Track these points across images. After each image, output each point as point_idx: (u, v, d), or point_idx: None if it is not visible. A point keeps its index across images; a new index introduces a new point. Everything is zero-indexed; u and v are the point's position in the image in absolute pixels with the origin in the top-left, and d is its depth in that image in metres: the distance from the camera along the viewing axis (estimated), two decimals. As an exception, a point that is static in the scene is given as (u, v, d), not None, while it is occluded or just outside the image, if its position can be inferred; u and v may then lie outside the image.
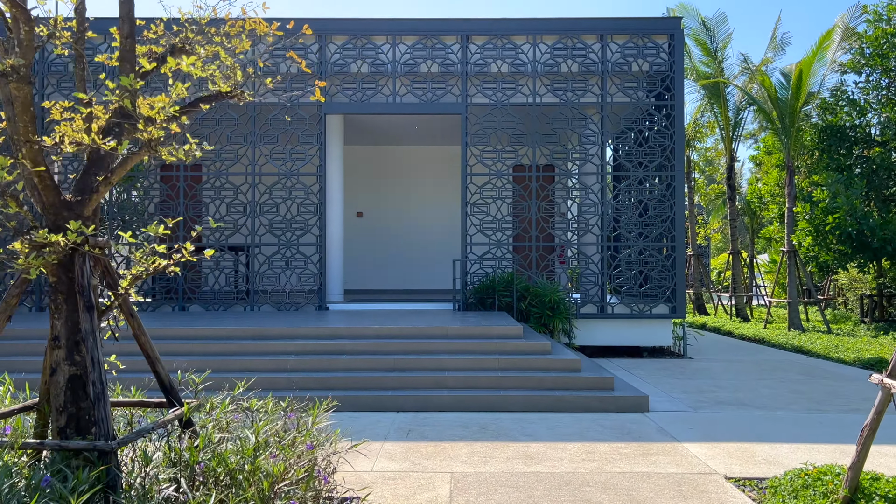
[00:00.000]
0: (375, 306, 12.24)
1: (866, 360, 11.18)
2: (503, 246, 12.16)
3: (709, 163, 31.34)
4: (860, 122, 15.76)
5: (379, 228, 16.56)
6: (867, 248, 14.51)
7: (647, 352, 12.70)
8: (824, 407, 7.93)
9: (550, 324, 11.48)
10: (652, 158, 12.24)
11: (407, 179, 16.63)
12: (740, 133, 18.78)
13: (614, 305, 12.13)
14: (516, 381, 7.90)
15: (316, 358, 8.25)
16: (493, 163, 12.17)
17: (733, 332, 16.13)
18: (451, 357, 8.28)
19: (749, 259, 24.16)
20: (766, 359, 12.04)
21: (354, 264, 16.46)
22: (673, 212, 12.13)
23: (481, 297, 11.72)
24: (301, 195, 12.13)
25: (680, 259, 12.06)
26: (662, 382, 9.54)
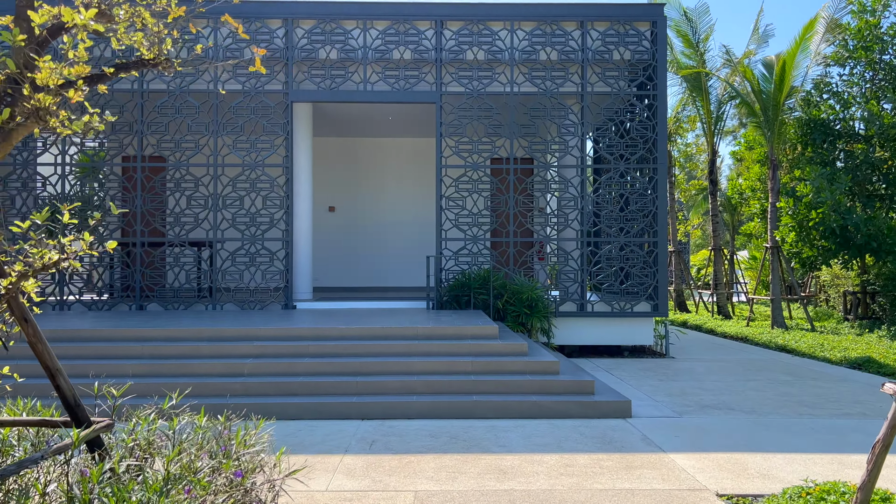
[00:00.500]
0: (345, 305, 11.66)
1: (853, 359, 10.82)
2: (480, 241, 11.63)
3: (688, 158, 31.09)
4: (844, 115, 15.44)
5: (352, 224, 15.96)
6: (851, 244, 14.20)
7: (629, 351, 12.26)
8: (815, 411, 7.50)
9: (528, 323, 10.99)
10: (633, 150, 11.77)
11: (381, 173, 16.04)
12: (722, 127, 18.44)
13: (594, 303, 11.67)
14: (491, 385, 7.38)
15: (275, 361, 7.66)
16: (468, 154, 11.63)
17: (715, 331, 15.77)
18: (421, 360, 7.74)
19: (730, 256, 23.90)
20: (750, 358, 11.65)
21: (326, 261, 15.85)
22: (655, 206, 11.68)
23: (456, 295, 11.19)
24: (266, 188, 11.50)
25: (662, 255, 11.62)
26: (645, 384, 9.08)
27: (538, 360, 7.76)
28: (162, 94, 11.49)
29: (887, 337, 12.98)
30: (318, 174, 15.91)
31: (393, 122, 14.56)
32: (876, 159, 14.71)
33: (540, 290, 11.16)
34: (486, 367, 7.70)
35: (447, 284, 11.45)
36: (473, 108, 11.56)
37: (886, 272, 14.52)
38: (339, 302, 11.79)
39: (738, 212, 27.53)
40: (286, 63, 11.46)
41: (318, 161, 15.92)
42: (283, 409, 6.96)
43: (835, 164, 15.28)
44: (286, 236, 11.47)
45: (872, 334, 13.42)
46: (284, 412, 6.96)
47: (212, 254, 11.44)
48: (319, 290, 15.07)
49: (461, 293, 11.16)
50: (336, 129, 15.16)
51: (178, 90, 11.39)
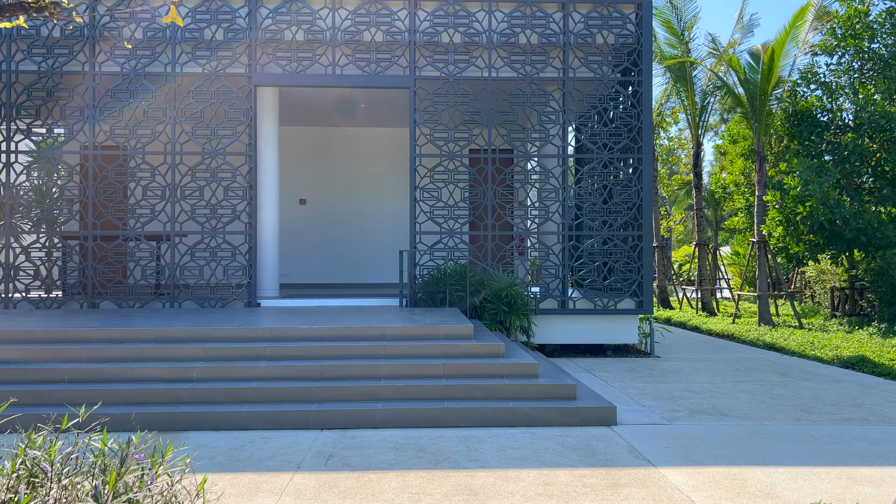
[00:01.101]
0: (313, 302, 10.98)
1: (846, 358, 10.34)
2: (456, 235, 11.00)
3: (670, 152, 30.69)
4: (831, 105, 15.00)
5: (324, 217, 15.25)
6: (840, 238, 13.76)
7: (612, 350, 11.70)
8: (813, 416, 6.96)
9: (507, 321, 10.38)
10: (617, 140, 11.20)
11: (355, 165, 15.34)
12: (707, 119, 17.95)
13: (576, 300, 11.09)
14: (464, 390, 6.75)
15: (228, 365, 6.97)
16: (444, 143, 10.99)
17: (700, 328, 15.28)
18: (388, 362, 7.09)
19: (713, 251, 23.50)
20: (738, 357, 11.14)
21: (296, 256, 15.14)
22: (640, 198, 11.12)
23: (431, 292, 10.55)
24: (228, 177, 10.78)
25: (647, 249, 11.07)
26: (630, 387, 8.51)
27: (516, 363, 7.15)
28: (115, 76, 10.71)
29: (878, 334, 12.55)
30: (289, 165, 15.20)
31: (367, 111, 13.88)
32: (864, 151, 14.28)
33: (519, 286, 10.56)
34: (459, 370, 7.07)
35: (421, 281, 10.81)
36: (449, 94, 10.92)
37: (875, 267, 14.11)
38: (307, 299, 11.10)
39: (721, 207, 27.19)
40: (249, 45, 10.74)
41: (287, 152, 15.20)
42: (234, 418, 6.28)
43: (822, 157, 14.83)
44: (249, 229, 10.76)
45: (863, 331, 12.98)
46: (235, 422, 6.28)
47: (170, 248, 10.69)
48: (288, 287, 14.37)
49: (436, 290, 10.53)
50: (307, 118, 14.44)
51: (132, 73, 10.62)
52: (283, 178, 15.14)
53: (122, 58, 10.66)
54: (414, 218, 10.87)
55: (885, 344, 11.41)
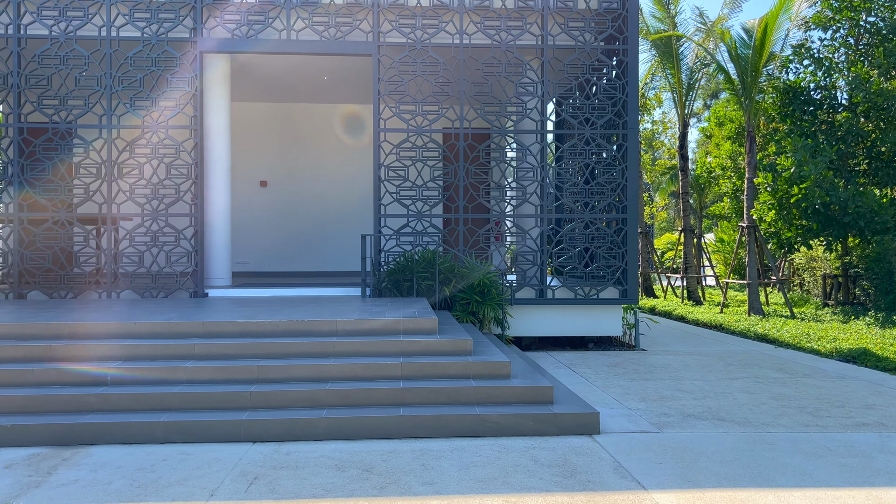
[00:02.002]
0: (268, 292, 9.98)
1: (846, 351, 9.55)
2: (425, 218, 10.03)
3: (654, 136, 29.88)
4: (826, 82, 14.18)
5: (287, 200, 14.19)
6: (835, 223, 12.98)
7: (594, 343, 10.83)
8: (822, 420, 6.12)
9: (479, 312, 9.46)
10: (601, 114, 10.27)
11: (320, 144, 14.27)
12: (694, 97, 17.09)
13: (555, 289, 10.19)
14: (424, 394, 5.81)
15: (150, 365, 5.97)
16: (411, 117, 9.99)
17: (686, 318, 14.48)
18: (337, 362, 6.13)
19: (698, 238, 22.75)
20: (730, 350, 10.32)
21: (257, 242, 14.09)
22: (625, 178, 10.22)
23: (397, 281, 9.59)
24: (171, 154, 9.71)
25: (632, 234, 10.18)
26: (614, 385, 7.63)
27: (485, 361, 6.22)
28: (43, 40, 9.59)
29: (876, 324, 11.80)
30: (249, 144, 14.10)
31: (331, 87, 12.82)
32: (860, 130, 13.49)
33: (494, 274, 9.63)
34: (419, 370, 6.12)
35: (387, 268, 9.85)
36: (417, 63, 9.91)
37: (871, 254, 13.37)
38: (262, 289, 10.09)
39: (706, 193, 26.45)
40: (193, 6, 9.65)
41: (247, 129, 14.11)
42: (150, 430, 5.30)
43: (816, 137, 14.03)
44: (195, 211, 9.71)
45: (859, 321, 12.23)
46: (150, 434, 5.30)
47: (106, 232, 9.62)
48: (247, 276, 13.34)
49: (402, 278, 9.57)
50: (267, 93, 13.35)
51: (62, 36, 9.49)
52: (242, 159, 14.06)
53: (51, 19, 9.54)
54: (378, 199, 9.88)
55: (886, 335, 10.64)
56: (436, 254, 9.50)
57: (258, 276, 13.33)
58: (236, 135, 14.03)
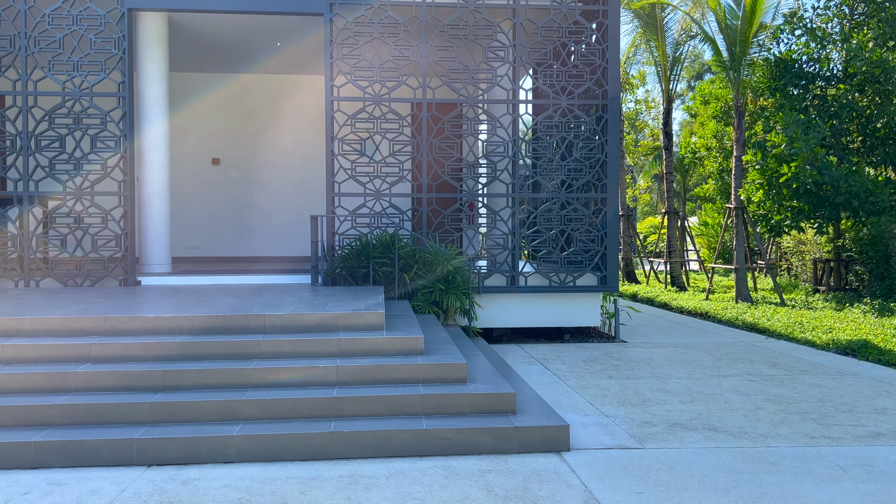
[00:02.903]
0: (210, 280, 8.97)
1: (844, 343, 8.74)
2: (384, 197, 9.04)
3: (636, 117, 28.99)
4: (819, 54, 13.31)
5: (241, 179, 13.10)
6: (828, 204, 12.16)
7: (571, 334, 9.94)
8: (829, 429, 5.26)
9: (444, 301, 8.52)
10: (578, 83, 9.31)
11: (277, 118, 13.17)
12: (679, 72, 16.17)
13: (528, 276, 9.26)
14: (362, 404, 4.86)
15: (34, 371, 4.96)
16: (368, 84, 8.96)
17: (670, 305, 13.65)
18: (261, 365, 5.15)
19: (681, 221, 21.96)
20: (718, 341, 9.47)
21: (210, 224, 13.01)
22: (604, 153, 9.29)
23: (352, 268, 8.61)
24: (96, 125, 8.62)
25: (612, 215, 9.27)
26: (590, 385, 6.73)
27: (438, 363, 5.27)
28: (-53, -5, 8.43)
29: (872, 312, 11.02)
30: (198, 118, 12.97)
31: (288, 55, 11.69)
32: (854, 105, 12.65)
33: (459, 259, 8.68)
34: (358, 374, 5.17)
35: (341, 253, 8.86)
36: (374, 24, 8.87)
37: (866, 237, 12.59)
38: (204, 276, 9.07)
39: (689, 175, 25.65)
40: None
41: (198, 102, 12.97)
42: (20, 452, 4.31)
43: (808, 112, 13.18)
44: (124, 189, 8.64)
45: (854, 309, 11.45)
46: (20, 457, 4.31)
47: (22, 212, 8.53)
48: (195, 261, 12.29)
49: (358, 265, 8.59)
50: (218, 62, 12.22)
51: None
52: (192, 134, 12.94)
53: (-45, -30, 8.38)
54: (332, 176, 8.87)
55: (886, 325, 9.86)
56: (395, 237, 8.52)
57: (209, 262, 12.29)
58: (185, 108, 12.90)
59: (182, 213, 12.86)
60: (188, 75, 12.89)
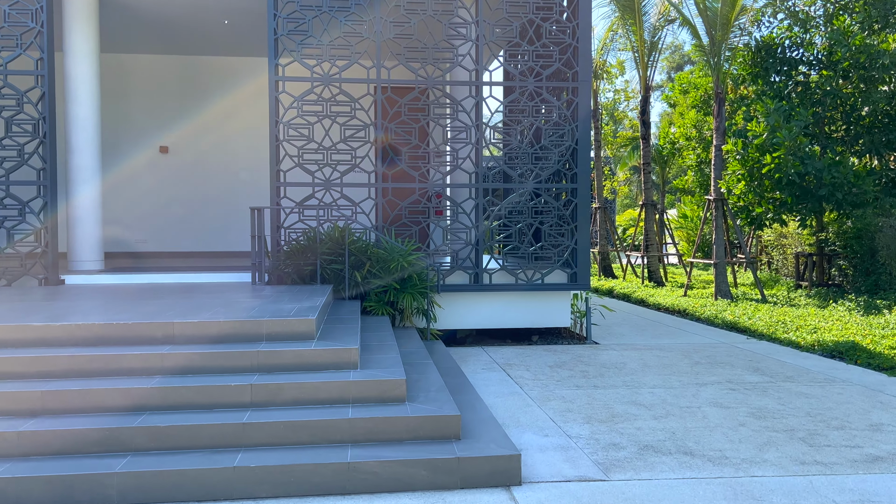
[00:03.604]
0: (143, 278, 8.14)
1: (830, 345, 8.12)
2: (334, 188, 8.26)
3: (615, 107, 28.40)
4: (802, 39, 12.70)
5: (190, 168, 12.22)
6: (811, 195, 11.57)
7: (540, 334, 9.26)
8: (821, 452, 4.60)
9: (399, 301, 7.77)
10: (547, 63, 8.58)
11: (227, 102, 12.29)
12: (657, 58, 15.51)
13: (493, 272, 8.54)
14: (276, 430, 4.11)
15: None
16: (317, 63, 8.16)
17: (647, 301, 13.03)
18: (161, 384, 4.38)
19: (660, 214, 21.38)
20: (696, 343, 8.83)
21: (158, 217, 12.13)
22: (574, 140, 8.58)
23: (298, 265, 7.83)
24: (12, 107, 7.75)
25: (583, 207, 8.57)
26: (554, 396, 6.03)
27: (373, 380, 4.53)
28: None
29: (858, 310, 10.45)
30: (144, 103, 12.06)
31: (239, 37, 10.82)
32: (838, 92, 12.07)
33: (416, 255, 7.93)
34: (276, 393, 4.41)
35: (287, 249, 8.08)
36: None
37: (850, 230, 12.02)
38: (141, 274, 8.24)
39: (668, 166, 25.11)
40: (35, -83, 7.64)
41: (142, 86, 12.05)
42: None
43: (790, 99, 12.58)
44: (44, 178, 7.78)
45: (838, 306, 10.88)
46: None
47: (-74, 204, 7.64)
48: (134, 257, 11.42)
49: (304, 261, 7.81)
50: (162, 43, 11.31)
51: None
52: (137, 120, 12.03)
53: None
54: (276, 164, 8.07)
55: (873, 324, 9.27)
56: (346, 231, 7.75)
57: (154, 258, 11.43)
58: (128, 92, 11.99)
59: (129, 205, 11.97)
60: (131, 57, 11.97)
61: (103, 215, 11.39)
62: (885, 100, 11.75)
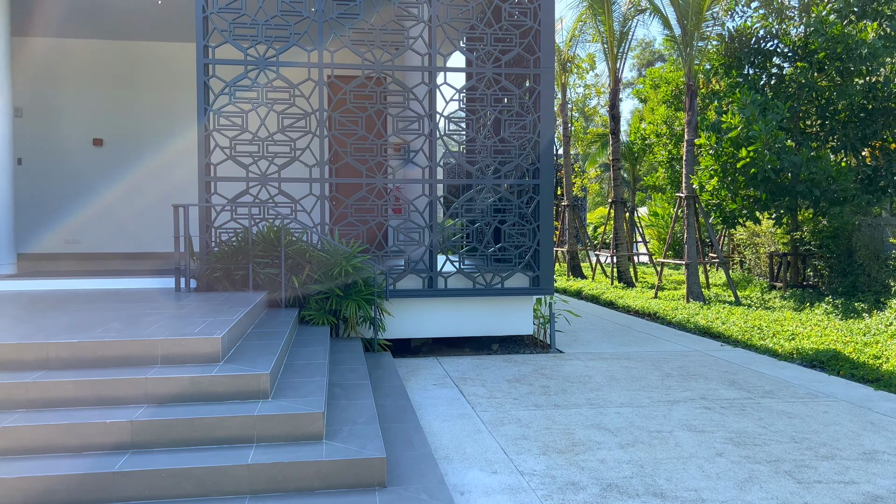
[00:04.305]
0: (61, 284, 7.27)
1: (810, 354, 7.54)
2: (271, 183, 7.46)
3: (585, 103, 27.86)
4: (777, 29, 12.17)
5: (126, 162, 11.27)
6: (787, 192, 11.03)
7: (501, 342, 8.57)
8: (812, 491, 3.94)
9: (343, 310, 7.00)
10: (506, 48, 7.87)
11: (167, 92, 11.35)
12: (626, 50, 14.91)
13: (448, 276, 7.82)
14: (156, 482, 3.32)
15: None
16: (251, 45, 7.34)
17: (616, 303, 12.42)
18: (20, 423, 3.56)
19: (630, 211, 20.86)
20: (668, 351, 8.20)
21: (94, 215, 11.17)
22: (536, 132, 7.89)
23: (227, 269, 7.02)
24: None
25: (546, 204, 7.88)
26: (509, 419, 5.32)
27: (282, 413, 3.77)
28: None
29: (836, 314, 9.93)
30: (75, 92, 11.08)
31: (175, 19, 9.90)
32: (814, 84, 11.56)
33: (362, 258, 7.16)
34: (163, 432, 3.62)
35: (218, 250, 7.25)
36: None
37: (827, 229, 11.52)
38: (56, 279, 7.36)
39: (639, 163, 24.62)
40: None
41: (74, 73, 11.07)
42: None
43: (765, 92, 12.05)
44: (-64, 172, 6.86)
45: (815, 309, 10.36)
46: None
47: None
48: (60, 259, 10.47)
49: (235, 265, 7.00)
50: (95, 27, 10.35)
51: None
52: (67, 110, 11.05)
53: None
54: (205, 156, 7.24)
55: (854, 330, 8.73)
56: (281, 231, 6.95)
57: (84, 260, 10.50)
58: (55, 79, 11.01)
59: (61, 202, 11.00)
60: (58, 42, 10.98)
61: (29, 214, 10.47)
62: (861, 94, 11.27)
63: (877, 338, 8.11)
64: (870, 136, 11.56)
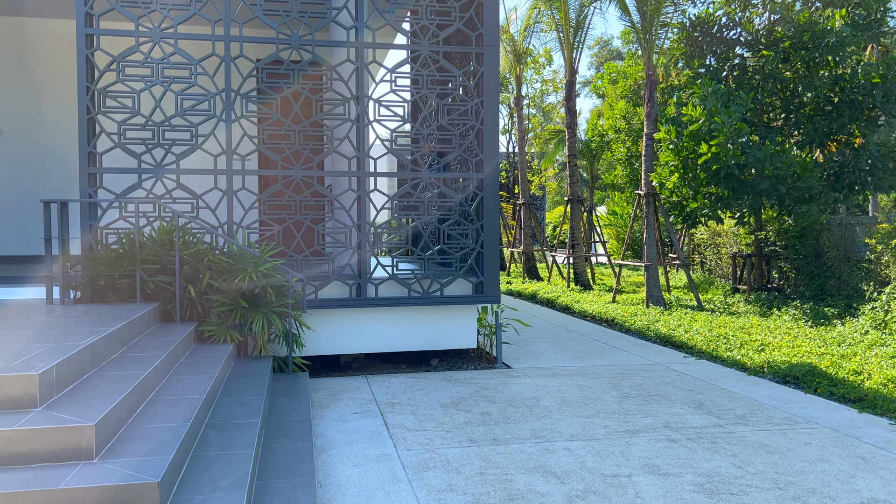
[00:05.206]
0: None
1: (782, 367, 6.76)
2: (169, 175, 6.37)
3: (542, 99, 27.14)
4: (739, 16, 11.49)
5: (29, 154, 9.96)
6: (750, 189, 10.33)
7: (443, 356, 7.61)
8: (809, 566, 3.07)
9: (249, 324, 5.94)
10: (444, 22, 6.92)
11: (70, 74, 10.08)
12: (583, 38, 14.11)
13: (380, 283, 6.83)
14: None
15: None
16: (145, 13, 6.24)
17: (572, 308, 11.59)
18: None
19: (588, 210, 20.16)
20: (626, 364, 7.34)
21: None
22: (480, 120, 6.95)
23: (112, 277, 5.90)
24: None
25: (490, 202, 6.95)
26: (437, 461, 4.37)
27: (104, 486, 2.73)
28: None
29: (804, 319, 9.24)
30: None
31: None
32: (779, 74, 10.90)
33: (274, 263, 6.11)
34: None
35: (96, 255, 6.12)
36: (148, -76, 6.15)
37: (794, 229, 10.87)
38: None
39: (597, 161, 23.98)
40: None
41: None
42: None
43: (727, 83, 11.35)
44: None
45: (782, 315, 9.66)
46: None
47: None
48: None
49: (120, 272, 5.89)
50: None
51: None
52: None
53: None
54: (88, 143, 6.11)
55: (826, 338, 8.02)
56: (174, 231, 5.87)
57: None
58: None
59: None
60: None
61: None
62: (828, 85, 10.64)
63: (853, 349, 7.38)
64: (836, 130, 10.95)
